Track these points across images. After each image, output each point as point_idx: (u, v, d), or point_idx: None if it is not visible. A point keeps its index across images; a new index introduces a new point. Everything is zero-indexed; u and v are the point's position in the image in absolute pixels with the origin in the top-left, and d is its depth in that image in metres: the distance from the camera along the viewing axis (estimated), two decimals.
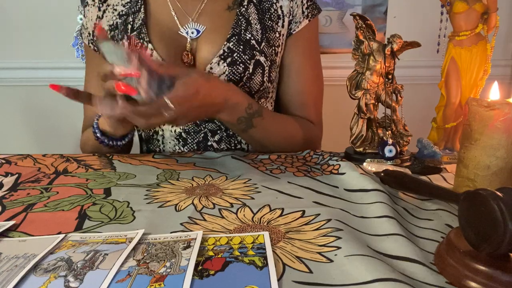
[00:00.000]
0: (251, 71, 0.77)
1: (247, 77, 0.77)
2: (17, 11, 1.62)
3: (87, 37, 0.85)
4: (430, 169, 0.66)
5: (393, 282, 0.32)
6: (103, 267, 0.35)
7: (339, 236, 0.41)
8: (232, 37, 0.77)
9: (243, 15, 0.79)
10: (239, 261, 0.36)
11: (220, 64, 0.76)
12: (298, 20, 0.82)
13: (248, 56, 0.77)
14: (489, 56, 0.72)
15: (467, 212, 0.35)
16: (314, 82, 0.86)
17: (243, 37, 0.77)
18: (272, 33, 0.81)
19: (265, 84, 0.81)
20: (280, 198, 0.53)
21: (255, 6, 0.80)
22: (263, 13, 0.80)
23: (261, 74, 0.79)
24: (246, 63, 0.77)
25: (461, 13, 0.71)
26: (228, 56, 0.76)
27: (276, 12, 0.81)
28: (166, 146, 0.84)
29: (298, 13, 0.82)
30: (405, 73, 1.13)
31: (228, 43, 0.77)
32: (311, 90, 0.86)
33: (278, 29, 0.81)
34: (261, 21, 0.80)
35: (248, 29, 0.78)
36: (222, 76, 0.76)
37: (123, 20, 0.81)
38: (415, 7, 1.62)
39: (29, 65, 1.66)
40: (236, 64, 0.76)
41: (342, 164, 0.63)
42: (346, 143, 0.75)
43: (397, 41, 0.68)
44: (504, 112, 0.47)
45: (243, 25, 0.78)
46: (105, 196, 0.54)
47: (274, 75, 0.83)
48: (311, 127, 0.85)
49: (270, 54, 0.80)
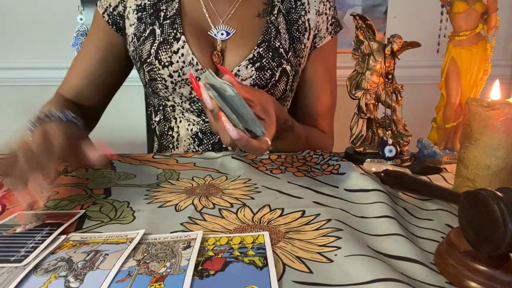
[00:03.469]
0: (277, 78, 0.78)
1: (272, 84, 0.78)
2: (17, 11, 1.62)
3: (106, 8, 0.81)
4: (430, 169, 0.66)
5: (393, 282, 0.32)
6: (104, 267, 0.35)
7: (339, 236, 0.41)
8: (262, 43, 0.78)
9: (273, 24, 0.80)
10: (239, 261, 0.36)
11: (248, 68, 0.77)
12: (323, 35, 0.85)
13: (276, 63, 0.78)
14: (489, 56, 0.72)
15: (467, 212, 0.35)
16: (331, 95, 0.90)
17: (272, 44, 0.78)
18: (298, 44, 0.83)
19: (287, 93, 0.83)
20: (280, 198, 0.53)
21: (283, 16, 0.82)
22: (291, 24, 0.82)
23: (285, 83, 0.80)
24: (273, 70, 0.78)
25: (461, 13, 0.71)
26: (257, 61, 0.77)
27: (303, 24, 0.83)
28: (180, 143, 0.83)
29: (323, 28, 0.85)
30: (405, 73, 1.13)
31: (258, 49, 0.77)
32: (327, 102, 0.89)
33: (304, 41, 0.83)
34: (289, 31, 0.82)
35: (277, 37, 0.80)
36: (249, 80, 0.77)
37: (153, 3, 0.79)
38: (415, 7, 1.62)
39: (29, 65, 1.66)
40: (264, 70, 0.77)
41: (342, 164, 0.63)
42: (346, 143, 0.75)
43: (397, 41, 0.68)
44: (504, 112, 0.47)
45: (273, 33, 0.80)
46: (105, 196, 0.54)
47: (295, 85, 0.85)
48: (324, 137, 0.89)
49: (295, 64, 0.82)
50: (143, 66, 0.78)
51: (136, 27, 0.79)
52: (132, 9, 0.80)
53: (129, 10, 0.80)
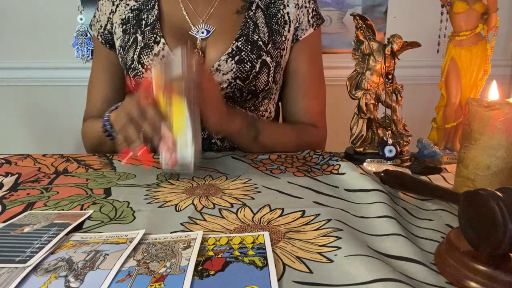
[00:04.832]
0: (258, 70, 0.80)
1: (254, 76, 0.80)
2: (17, 11, 1.62)
3: (98, 30, 0.88)
4: (430, 169, 0.66)
5: (393, 282, 0.32)
6: (104, 267, 0.35)
7: (339, 236, 0.41)
8: (240, 37, 0.80)
9: (251, 19, 0.83)
10: (239, 261, 0.36)
11: (228, 62, 0.79)
12: (304, 27, 0.87)
13: (255, 55, 0.80)
14: (489, 56, 0.72)
15: (467, 212, 0.35)
16: (318, 87, 0.91)
17: (250, 37, 0.81)
18: (278, 36, 0.84)
19: (270, 84, 0.84)
20: (280, 198, 0.53)
21: (262, 12, 0.85)
22: (270, 18, 0.85)
23: (267, 74, 0.82)
24: (253, 62, 0.80)
25: (461, 13, 0.71)
26: (236, 54, 0.79)
27: (283, 17, 0.85)
28: None
29: (304, 21, 0.86)
30: (405, 73, 1.13)
31: (237, 42, 0.80)
32: (316, 95, 0.90)
33: (284, 33, 0.85)
34: (268, 25, 0.84)
35: (255, 31, 0.82)
36: (230, 73, 0.79)
37: (135, 14, 0.84)
38: (415, 7, 1.62)
39: (29, 65, 1.66)
40: (243, 62, 0.79)
41: (342, 164, 0.63)
42: (346, 143, 0.75)
43: (397, 41, 0.68)
44: (504, 112, 0.47)
45: (251, 27, 0.82)
46: (105, 196, 0.54)
47: (278, 76, 0.86)
48: (315, 132, 0.89)
49: (276, 56, 0.84)
50: (128, 72, 0.82)
51: (121, 39, 0.84)
52: (118, 24, 0.85)
53: (115, 26, 0.85)
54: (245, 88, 0.80)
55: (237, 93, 0.81)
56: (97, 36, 0.88)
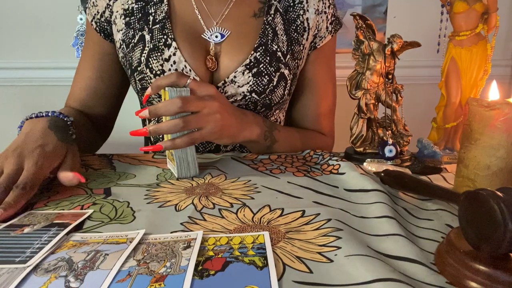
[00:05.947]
0: (275, 83, 0.75)
1: (270, 90, 0.75)
2: (17, 11, 1.62)
3: (94, 15, 0.78)
4: (430, 169, 0.66)
5: (393, 282, 0.32)
6: (104, 267, 0.35)
7: (339, 236, 0.41)
8: (259, 47, 0.74)
9: (270, 25, 0.76)
10: (239, 261, 0.36)
11: (245, 74, 0.73)
12: (323, 35, 0.82)
13: (274, 68, 0.75)
14: (489, 56, 0.72)
15: (467, 212, 0.35)
16: (332, 95, 0.88)
17: (269, 47, 0.75)
18: (297, 46, 0.79)
19: (285, 97, 0.80)
20: (280, 198, 0.53)
21: (281, 16, 0.78)
22: (289, 24, 0.79)
23: (283, 88, 0.77)
24: (271, 76, 0.74)
25: (461, 13, 0.71)
26: (254, 67, 0.73)
27: (302, 24, 0.80)
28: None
29: (323, 27, 0.82)
30: (405, 73, 1.13)
31: (255, 53, 0.74)
32: (329, 103, 0.88)
33: (302, 42, 0.80)
34: (287, 32, 0.78)
35: (274, 39, 0.76)
36: (246, 86, 0.74)
37: (141, 6, 0.75)
38: (415, 7, 1.62)
39: (29, 65, 1.66)
40: (261, 76, 0.74)
41: (342, 164, 0.63)
42: (346, 143, 0.75)
43: (397, 41, 0.68)
44: (504, 112, 0.47)
45: (270, 35, 0.76)
46: (105, 196, 0.54)
47: (293, 88, 0.83)
48: (323, 139, 0.87)
49: (293, 67, 0.79)
50: (134, 75, 0.75)
51: (124, 33, 0.76)
52: (119, 14, 0.76)
53: (116, 15, 0.76)
54: (260, 101, 0.76)
55: (251, 106, 0.76)
56: (91, 22, 0.79)
